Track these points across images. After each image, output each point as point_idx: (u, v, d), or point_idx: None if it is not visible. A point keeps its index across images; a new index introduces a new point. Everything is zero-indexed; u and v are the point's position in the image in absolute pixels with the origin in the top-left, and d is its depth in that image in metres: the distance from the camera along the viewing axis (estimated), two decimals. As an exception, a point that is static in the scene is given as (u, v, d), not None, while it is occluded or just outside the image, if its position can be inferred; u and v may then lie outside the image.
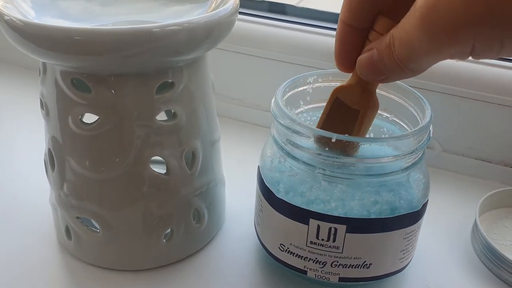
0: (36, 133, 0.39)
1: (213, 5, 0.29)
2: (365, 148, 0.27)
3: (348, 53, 0.25)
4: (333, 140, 0.25)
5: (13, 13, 0.25)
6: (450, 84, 0.41)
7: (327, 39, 0.44)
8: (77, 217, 0.30)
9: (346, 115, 0.27)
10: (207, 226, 0.32)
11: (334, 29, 0.45)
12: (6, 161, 0.42)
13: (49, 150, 0.29)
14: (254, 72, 0.47)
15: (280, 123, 0.27)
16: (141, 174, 0.28)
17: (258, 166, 0.31)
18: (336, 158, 0.26)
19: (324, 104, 0.33)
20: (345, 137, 0.25)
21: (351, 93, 0.27)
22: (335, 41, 0.25)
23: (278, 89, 0.30)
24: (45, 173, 0.31)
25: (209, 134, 0.31)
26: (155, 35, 0.24)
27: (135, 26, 0.24)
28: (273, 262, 0.30)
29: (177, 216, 0.30)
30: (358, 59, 0.24)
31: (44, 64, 0.27)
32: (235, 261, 0.32)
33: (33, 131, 0.43)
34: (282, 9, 0.49)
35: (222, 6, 0.27)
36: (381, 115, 0.32)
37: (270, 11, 0.49)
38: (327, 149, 0.26)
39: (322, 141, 0.26)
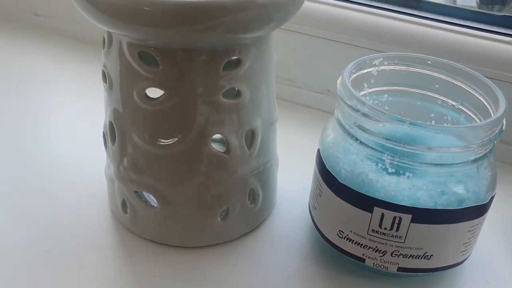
0: (93, 105, 0.39)
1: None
2: (434, 137, 0.26)
3: None
4: None
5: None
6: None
7: (387, 21, 0.43)
8: (135, 191, 0.30)
9: None
10: (261, 206, 0.32)
11: (397, 11, 0.43)
12: (62, 133, 0.42)
13: (110, 122, 0.29)
14: (305, 52, 0.46)
15: (348, 104, 0.26)
16: (201, 151, 0.28)
17: (318, 149, 0.30)
18: (406, 145, 0.25)
19: (389, 88, 0.32)
20: None
21: None
22: None
23: (344, 69, 0.29)
24: (102, 145, 0.32)
25: (268, 114, 0.30)
26: (227, 8, 0.23)
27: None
28: (327, 246, 0.30)
29: (234, 195, 0.30)
30: None
31: (110, 36, 0.27)
32: (288, 243, 0.32)
33: (90, 104, 0.43)
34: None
35: (293, -18, 0.26)
36: (446, 102, 0.31)
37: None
38: None
39: None
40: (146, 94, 0.27)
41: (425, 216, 0.26)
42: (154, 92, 0.27)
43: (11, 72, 0.51)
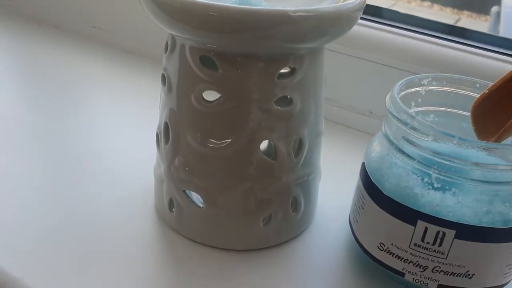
0: (140, 110, 0.41)
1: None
2: (480, 156, 0.26)
3: None
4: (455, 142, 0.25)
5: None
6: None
7: (434, 47, 0.43)
8: (183, 191, 0.31)
9: None
10: (302, 216, 0.33)
11: (444, 38, 0.44)
12: (109, 134, 0.44)
13: (165, 123, 0.31)
14: (349, 73, 0.47)
15: (396, 117, 0.27)
16: (250, 156, 0.29)
17: (363, 163, 0.30)
18: (453, 159, 0.26)
19: (435, 108, 0.33)
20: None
21: None
22: None
23: (394, 86, 0.30)
24: (147, 148, 0.33)
25: (315, 125, 0.31)
26: (287, 17, 0.25)
27: (267, 7, 0.25)
28: (366, 259, 0.30)
29: (277, 201, 0.31)
30: None
31: (173, 40, 0.29)
32: (327, 254, 0.32)
33: (137, 109, 0.45)
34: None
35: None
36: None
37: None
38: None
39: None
40: (203, 96, 0.28)
41: (469, 232, 0.26)
42: (210, 96, 0.28)
43: (65, 77, 0.53)
